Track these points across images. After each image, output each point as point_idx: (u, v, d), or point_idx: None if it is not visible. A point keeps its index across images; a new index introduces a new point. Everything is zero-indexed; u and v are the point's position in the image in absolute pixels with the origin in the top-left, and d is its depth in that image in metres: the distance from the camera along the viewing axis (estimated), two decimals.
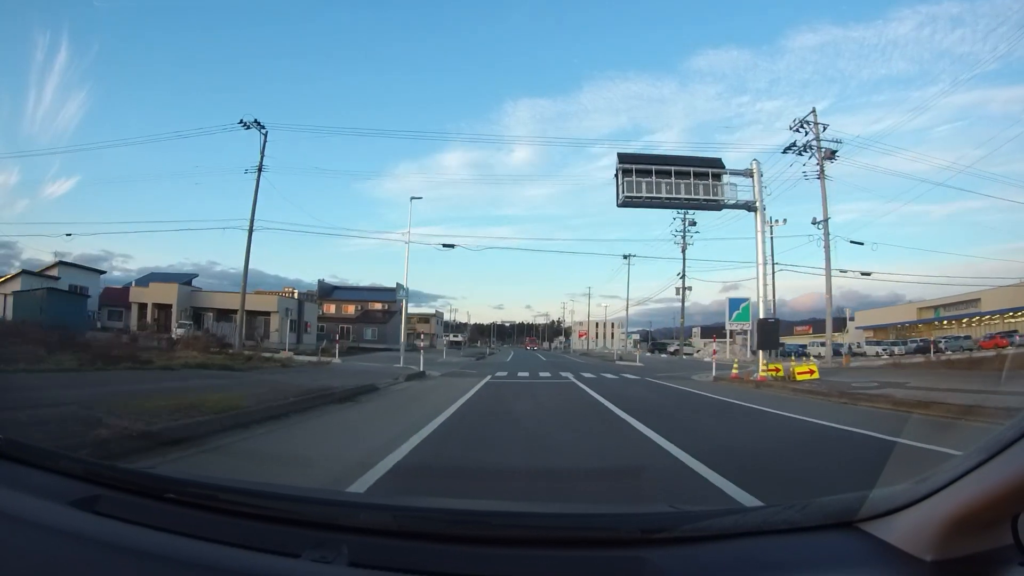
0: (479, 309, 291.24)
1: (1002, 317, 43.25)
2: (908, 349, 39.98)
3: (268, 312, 39.74)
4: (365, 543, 1.21)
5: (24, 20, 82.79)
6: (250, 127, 26.74)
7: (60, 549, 1.16)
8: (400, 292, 21.13)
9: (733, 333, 30.29)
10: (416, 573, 1.11)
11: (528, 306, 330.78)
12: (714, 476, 4.13)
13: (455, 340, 75.07)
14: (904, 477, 1.18)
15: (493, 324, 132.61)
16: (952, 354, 29.96)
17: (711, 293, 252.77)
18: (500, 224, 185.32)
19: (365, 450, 5.09)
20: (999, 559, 0.96)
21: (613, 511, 1.80)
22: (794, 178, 29.32)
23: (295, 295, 50.32)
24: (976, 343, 36.98)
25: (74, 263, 40.34)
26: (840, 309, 42.53)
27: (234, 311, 30.81)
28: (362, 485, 3.71)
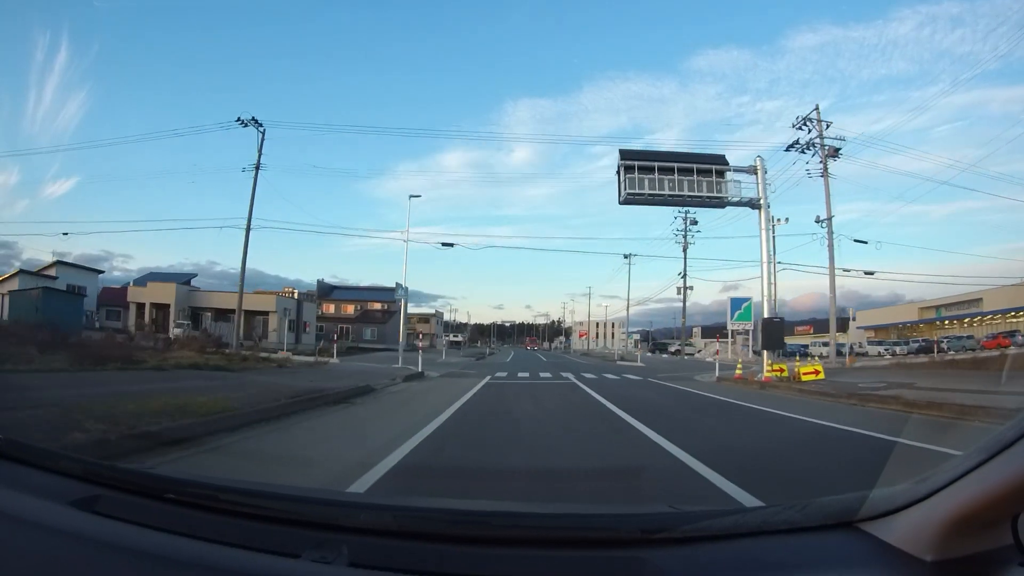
0: (479, 309, 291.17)
1: (1004, 317, 42.98)
2: (910, 349, 39.90)
3: (266, 312, 39.58)
4: (365, 543, 1.20)
5: (24, 20, 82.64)
6: (247, 125, 26.52)
7: (60, 549, 1.16)
8: (399, 291, 20.83)
9: (735, 333, 30.01)
10: (416, 573, 1.11)
11: (528, 306, 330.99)
12: (731, 487, 3.87)
13: (455, 340, 74.88)
14: (904, 477, 1.18)
15: (493, 324, 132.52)
16: (955, 354, 29.80)
17: (711, 293, 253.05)
18: (500, 224, 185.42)
19: (355, 460, 4.81)
20: (999, 559, 0.96)
21: (613, 511, 1.80)
22: (796, 177, 28.97)
23: (295, 295, 50.12)
24: (979, 343, 36.76)
25: (72, 263, 40.21)
26: (842, 309, 42.29)
27: (232, 311, 30.52)
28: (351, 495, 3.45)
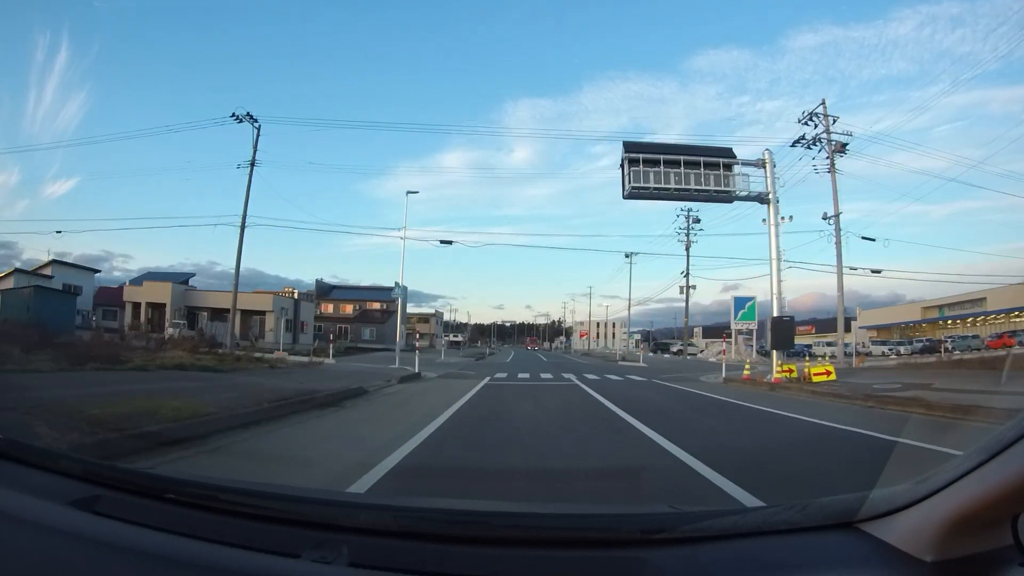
0: (479, 309, 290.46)
1: (1007, 316, 42.67)
2: (914, 349, 39.67)
3: (263, 312, 39.11)
4: (365, 543, 1.20)
5: (23, 20, 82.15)
6: (243, 121, 25.96)
7: (60, 549, 1.16)
8: (396, 290, 20.28)
9: (738, 333, 29.52)
10: (416, 573, 1.11)
11: (528, 306, 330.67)
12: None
13: (455, 340, 74.48)
14: (904, 477, 1.16)
15: (493, 324, 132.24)
16: (960, 354, 29.56)
17: (711, 293, 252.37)
18: (500, 224, 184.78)
19: (335, 474, 4.31)
20: (999, 559, 0.95)
21: (613, 511, 1.80)
22: (800, 175, 28.55)
23: (295, 295, 49.67)
24: (984, 343, 36.39)
25: (68, 262, 39.77)
26: (846, 309, 41.83)
27: (228, 310, 30.10)
28: None
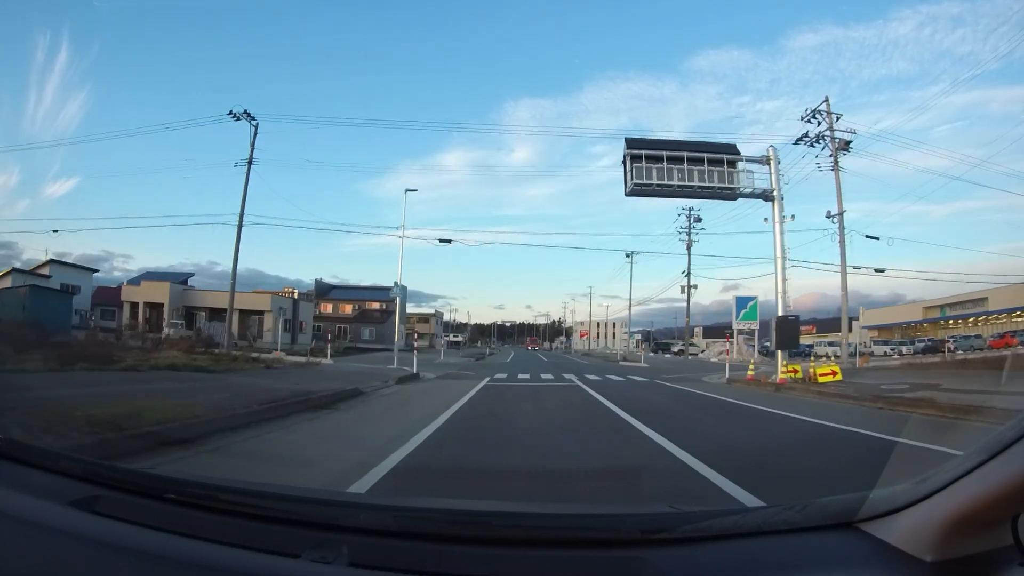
0: (479, 309, 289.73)
1: (1009, 316, 42.54)
2: (916, 349, 39.48)
3: (262, 311, 38.85)
4: (365, 543, 1.20)
5: (23, 19, 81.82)
6: (240, 118, 25.70)
7: (60, 549, 1.16)
8: (394, 290, 19.99)
9: (739, 333, 29.24)
10: (416, 573, 1.11)
11: (529, 306, 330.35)
12: None
13: (454, 340, 74.28)
14: (904, 477, 1.16)
15: (494, 324, 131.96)
16: (963, 354, 29.33)
17: (712, 293, 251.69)
18: (500, 224, 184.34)
19: (328, 479, 4.06)
20: (999, 559, 0.95)
21: (613, 511, 1.80)
22: (802, 173, 28.18)
23: (295, 295, 49.44)
24: (986, 342, 36.12)
25: (66, 262, 39.60)
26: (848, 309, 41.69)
27: (226, 310, 29.85)
28: None
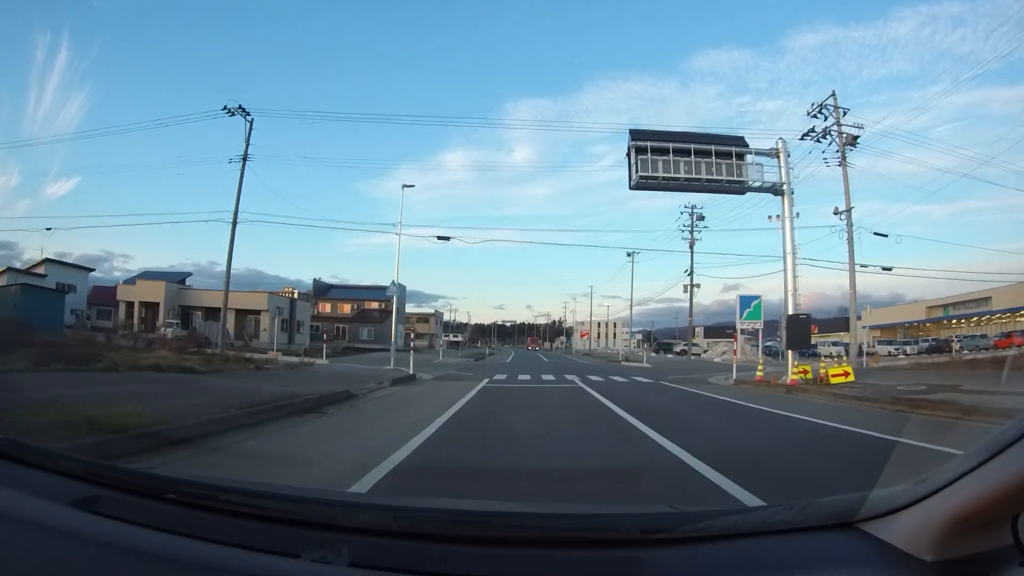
0: (480, 309, 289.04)
1: (1013, 315, 42.09)
2: (920, 348, 39.05)
3: (259, 311, 38.34)
4: (365, 543, 1.19)
5: (22, 19, 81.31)
6: (234, 113, 25.15)
7: (60, 549, 1.15)
8: (390, 288, 19.43)
9: (742, 333, 28.68)
10: (416, 573, 1.11)
11: (529, 306, 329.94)
12: None
13: (454, 340, 73.77)
14: (904, 477, 1.15)
15: (494, 324, 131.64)
16: (969, 353, 28.97)
17: (712, 293, 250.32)
18: (500, 224, 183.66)
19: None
20: (999, 559, 0.95)
21: (613, 511, 1.80)
22: (807, 171, 27.54)
23: (294, 295, 49.02)
24: (992, 342, 35.70)
25: (62, 261, 39.25)
26: (843, 308, 41.37)
27: (227, 310, 29.35)
28: None
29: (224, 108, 25.10)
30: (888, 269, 27.20)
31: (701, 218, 37.87)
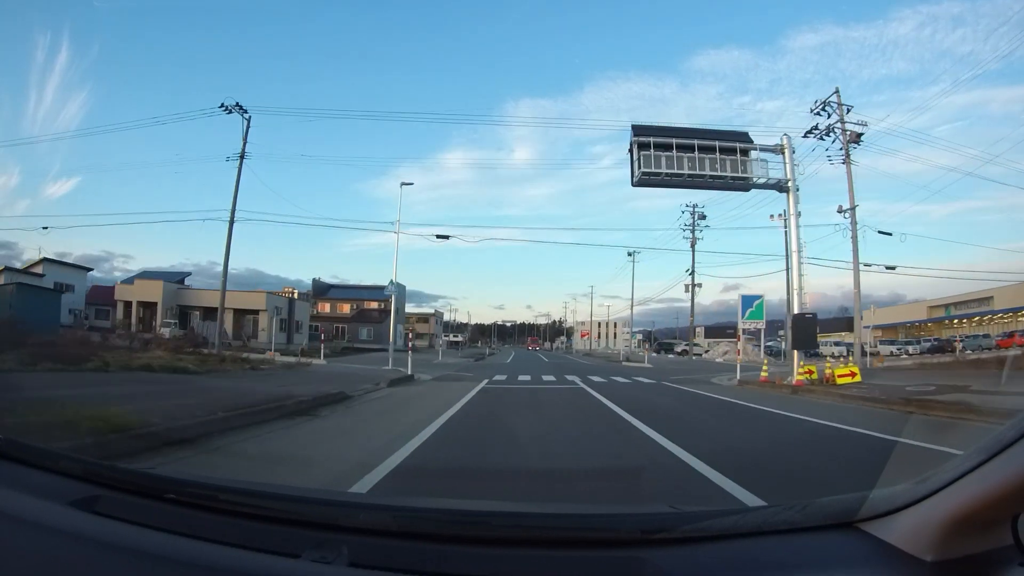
0: (480, 309, 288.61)
1: (1015, 315, 42.05)
2: (923, 348, 38.83)
3: (257, 311, 38.10)
4: (365, 543, 1.19)
5: (21, 18, 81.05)
6: (231, 111, 24.91)
7: (60, 549, 1.15)
8: (388, 288, 19.14)
9: (745, 332, 28.46)
10: (416, 573, 1.10)
11: (529, 306, 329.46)
12: None
13: (454, 340, 73.52)
14: (904, 477, 1.14)
15: (494, 324, 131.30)
16: (972, 353, 28.79)
17: (712, 293, 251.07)
18: (501, 224, 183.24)
19: None
20: (999, 559, 0.94)
21: (613, 511, 1.79)
22: (810, 169, 27.34)
23: (294, 295, 48.79)
24: (994, 342, 35.55)
25: (60, 260, 39.02)
26: (844, 308, 41.20)
27: (223, 309, 29.11)
28: None
29: (221, 106, 24.84)
30: (892, 268, 26.93)
31: (703, 217, 37.65)
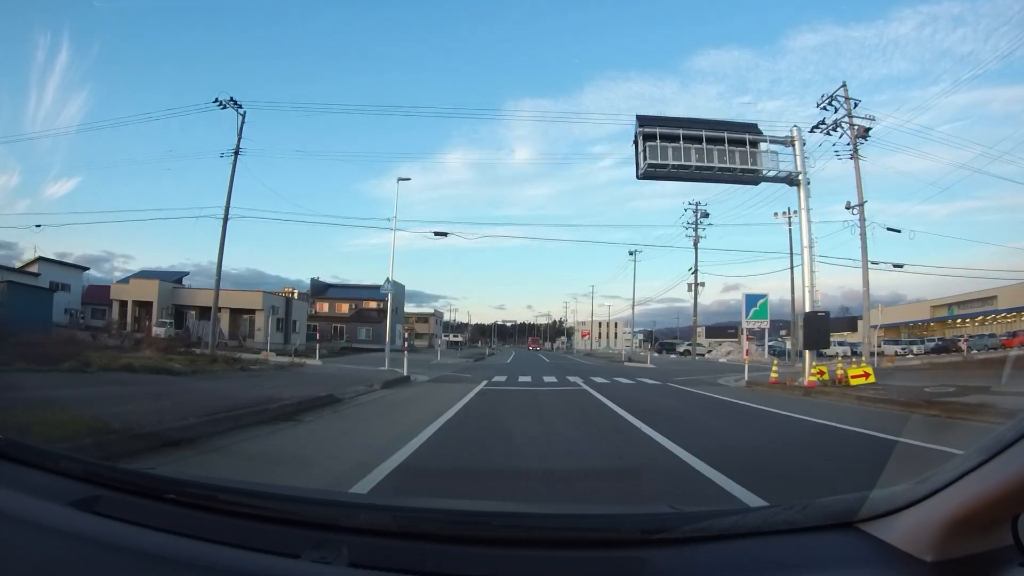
0: (480, 309, 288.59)
1: (1018, 315, 41.68)
2: (927, 348, 38.48)
3: (253, 310, 37.62)
4: (365, 544, 1.19)
5: (23, 19, 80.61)
6: (226, 106, 24.38)
7: (60, 549, 1.15)
8: (385, 286, 18.58)
9: (749, 331, 27.99)
10: (416, 573, 1.10)
11: (529, 306, 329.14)
12: None
13: (454, 340, 73.05)
14: (905, 477, 1.13)
15: (494, 324, 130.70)
16: (978, 352, 28.45)
17: (712, 293, 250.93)
18: (501, 224, 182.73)
19: None
20: (999, 559, 0.94)
21: (613, 511, 1.79)
22: (814, 167, 26.75)
23: (294, 295, 48.34)
24: (1000, 341, 35.26)
25: (55, 259, 38.65)
26: (844, 308, 40.67)
27: (217, 309, 28.65)
28: None
29: (215, 101, 24.33)
30: (899, 266, 26.34)
31: (706, 215, 37.03)
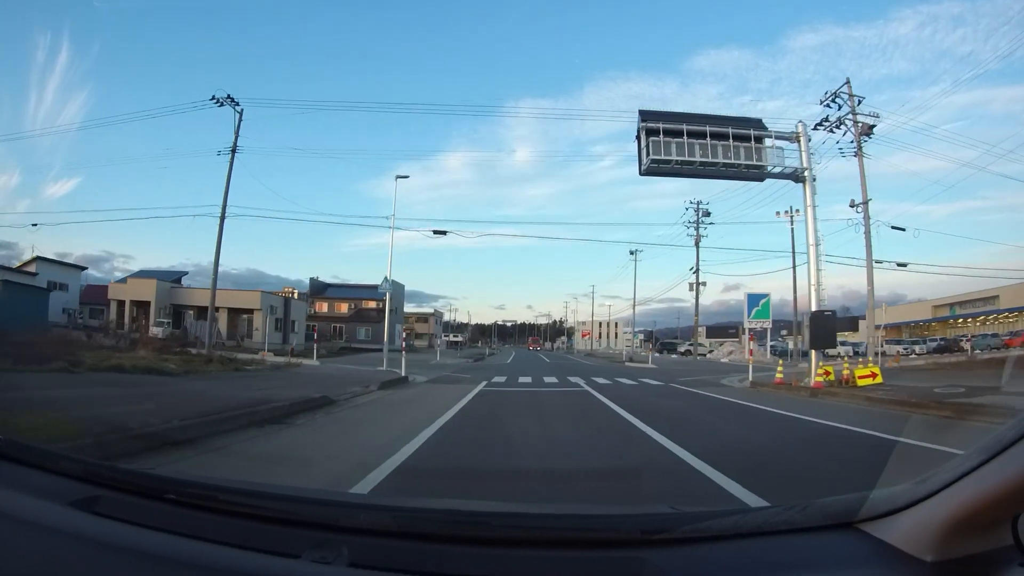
0: (480, 309, 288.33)
1: (1020, 314, 41.48)
2: (929, 348, 38.31)
3: (252, 310, 37.41)
4: (365, 544, 1.19)
5: (23, 19, 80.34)
6: (223, 104, 24.11)
7: (60, 549, 1.15)
8: (383, 285, 18.31)
9: (752, 331, 27.75)
10: (416, 573, 1.10)
11: (530, 306, 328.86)
12: None
13: (454, 340, 72.78)
14: (905, 478, 1.13)
15: (495, 324, 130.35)
16: (982, 352, 28.22)
17: (713, 293, 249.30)
18: (501, 224, 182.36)
19: None
20: (999, 560, 0.94)
21: (613, 512, 1.79)
22: (818, 165, 26.50)
23: (295, 295, 48.12)
24: (1003, 341, 35.04)
25: (53, 259, 38.47)
26: (844, 308, 40.51)
27: (215, 308, 28.41)
28: None
29: (212, 98, 24.05)
30: (903, 265, 26.09)
31: (707, 214, 36.73)
